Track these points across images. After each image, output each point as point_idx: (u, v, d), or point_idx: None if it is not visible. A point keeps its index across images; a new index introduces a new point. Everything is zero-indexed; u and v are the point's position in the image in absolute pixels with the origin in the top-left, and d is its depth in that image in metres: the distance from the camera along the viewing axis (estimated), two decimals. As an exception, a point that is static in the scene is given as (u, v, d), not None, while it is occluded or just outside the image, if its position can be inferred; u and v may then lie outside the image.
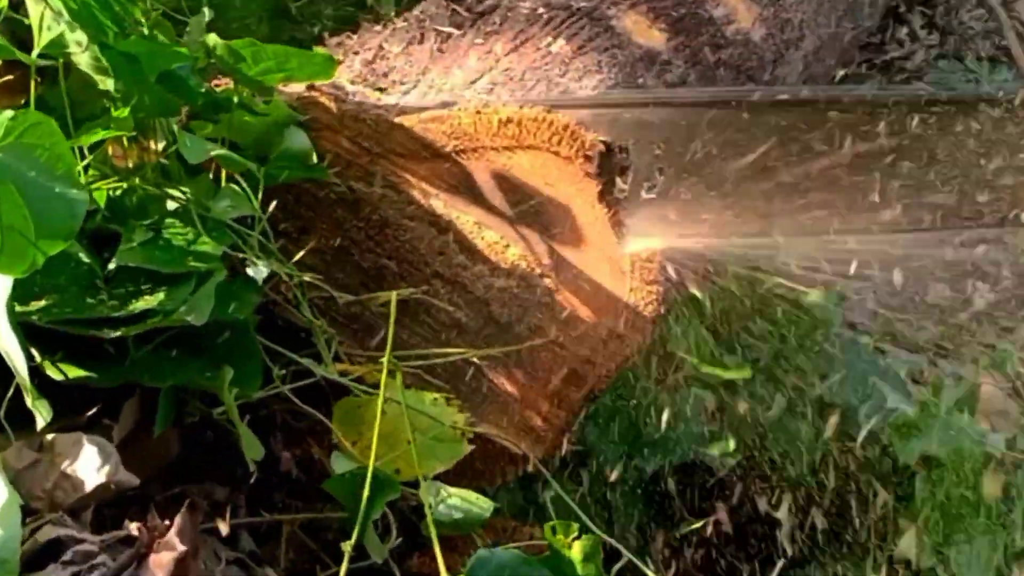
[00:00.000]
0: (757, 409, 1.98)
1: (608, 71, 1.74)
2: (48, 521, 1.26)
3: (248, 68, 1.52)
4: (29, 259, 1.21)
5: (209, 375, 1.44)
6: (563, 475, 2.14)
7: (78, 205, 1.25)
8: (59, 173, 1.24)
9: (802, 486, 2.08)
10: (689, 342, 1.88)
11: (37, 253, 1.22)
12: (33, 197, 1.21)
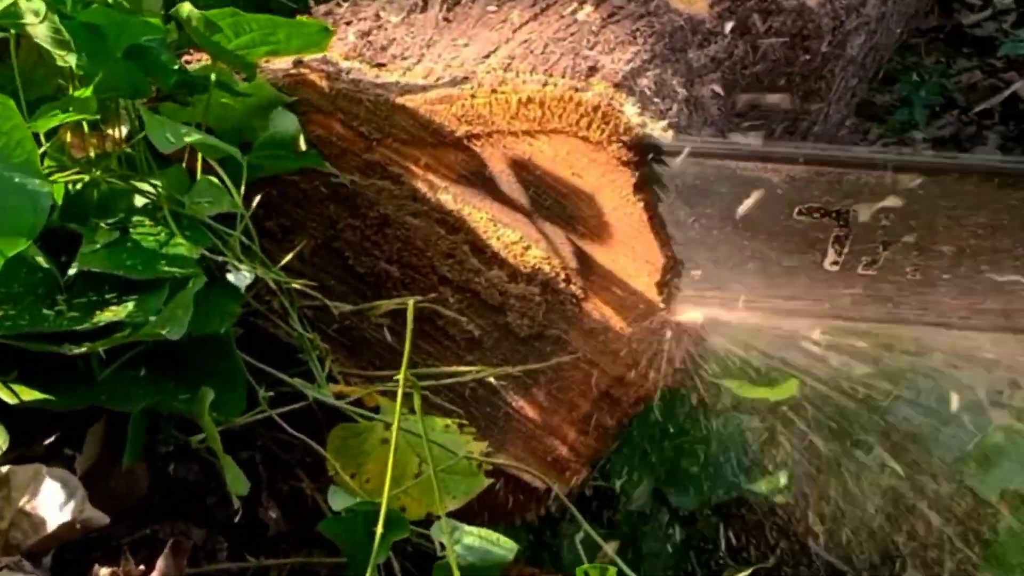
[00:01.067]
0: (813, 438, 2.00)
1: (643, 42, 1.72)
2: (4, 566, 1.27)
3: (227, 41, 1.54)
4: (-11, 261, 1.23)
5: (185, 398, 1.45)
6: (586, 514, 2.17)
7: (41, 198, 1.26)
8: (18, 162, 1.26)
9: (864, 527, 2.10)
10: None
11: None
12: (-8, 190, 1.23)
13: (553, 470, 1.69)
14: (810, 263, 1.57)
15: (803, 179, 1.53)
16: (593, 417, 1.69)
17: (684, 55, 1.80)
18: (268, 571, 1.56)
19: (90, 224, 1.49)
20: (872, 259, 1.56)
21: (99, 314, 1.42)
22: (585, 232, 1.62)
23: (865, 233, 1.54)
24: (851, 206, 1.53)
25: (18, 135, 1.26)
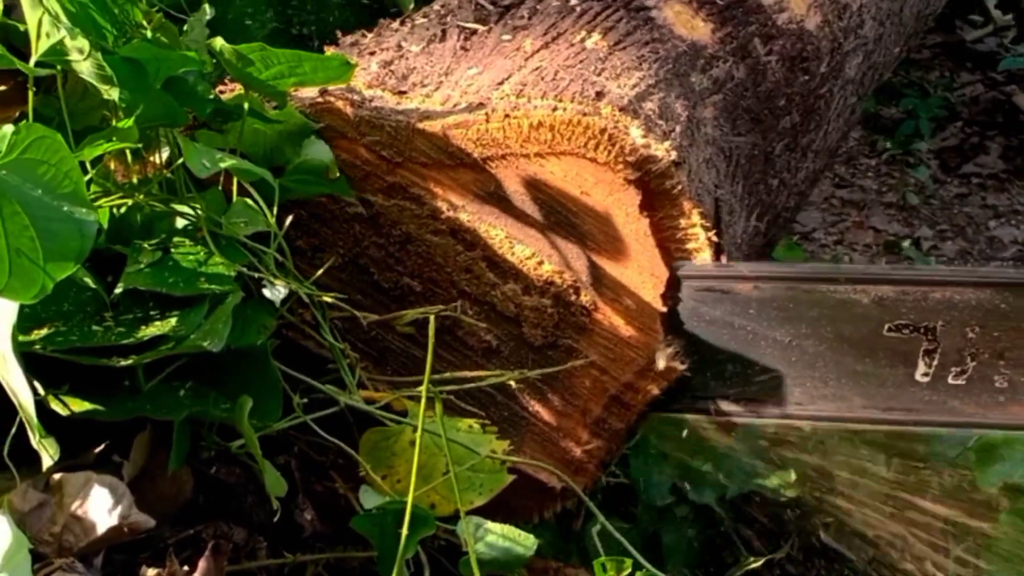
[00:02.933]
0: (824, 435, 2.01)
1: (648, 68, 1.74)
2: (58, 567, 1.29)
3: (258, 73, 1.54)
4: (38, 284, 1.23)
5: (226, 406, 1.47)
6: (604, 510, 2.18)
7: (88, 226, 1.27)
8: (66, 191, 1.26)
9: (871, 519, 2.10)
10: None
11: (46, 278, 1.23)
12: (39, 217, 1.23)
13: (568, 470, 1.71)
14: (904, 376, 1.60)
15: (891, 298, 1.57)
16: (605, 420, 1.71)
17: (687, 79, 1.80)
18: (305, 567, 1.57)
19: (134, 245, 1.50)
20: (961, 370, 1.59)
21: (144, 329, 1.43)
22: (594, 247, 1.63)
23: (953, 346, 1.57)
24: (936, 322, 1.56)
25: (66, 166, 1.26)
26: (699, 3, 1.95)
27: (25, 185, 1.24)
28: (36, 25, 1.40)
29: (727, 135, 1.83)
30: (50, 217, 1.25)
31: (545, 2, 1.88)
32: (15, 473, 1.35)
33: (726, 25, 1.96)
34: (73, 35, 1.38)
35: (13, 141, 1.24)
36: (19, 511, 1.32)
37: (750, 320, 1.62)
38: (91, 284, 1.46)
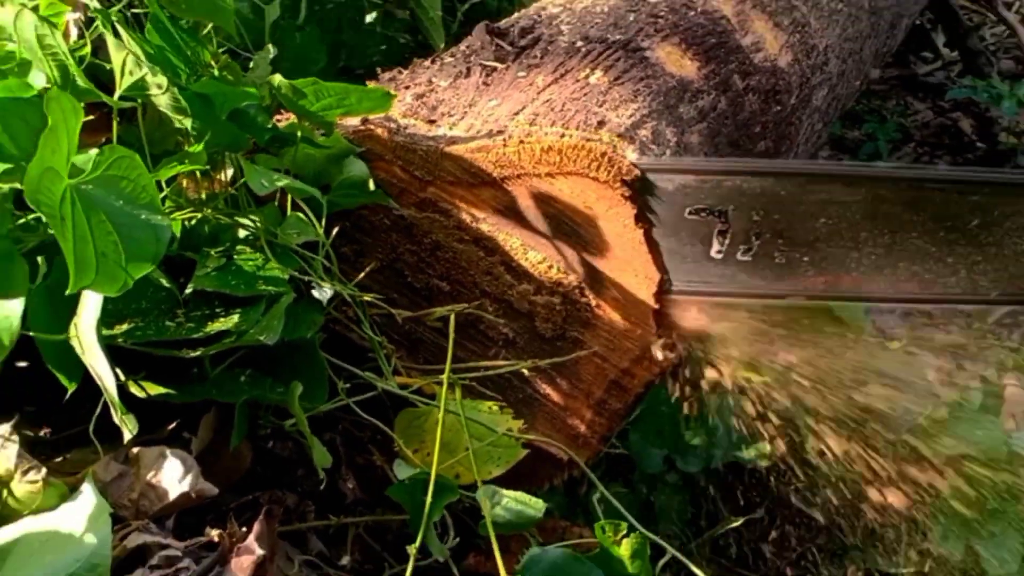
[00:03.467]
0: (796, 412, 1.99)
1: (643, 100, 1.73)
2: (135, 528, 1.29)
3: (310, 104, 1.54)
4: (120, 281, 1.23)
5: (280, 391, 1.47)
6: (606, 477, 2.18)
7: (162, 231, 1.26)
8: (144, 202, 1.25)
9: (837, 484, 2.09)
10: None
11: (127, 276, 1.23)
12: (121, 224, 1.23)
13: (574, 444, 1.70)
14: (701, 252, 1.59)
15: (692, 186, 1.55)
16: (605, 401, 1.69)
17: (676, 110, 1.79)
18: (347, 528, 1.57)
19: (202, 252, 1.50)
20: (748, 247, 1.58)
21: (210, 325, 1.43)
22: (596, 254, 1.61)
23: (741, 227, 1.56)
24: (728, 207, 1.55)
25: (143, 181, 1.25)
26: (687, 44, 1.93)
27: (109, 197, 1.24)
28: (120, 64, 1.40)
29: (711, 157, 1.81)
30: (130, 224, 1.25)
31: (555, 44, 1.87)
32: (99, 448, 1.35)
33: (710, 63, 1.94)
34: (153, 73, 1.38)
35: (98, 160, 1.24)
36: (102, 480, 1.33)
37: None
38: (165, 284, 1.46)
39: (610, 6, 1.99)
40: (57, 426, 1.45)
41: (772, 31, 2.13)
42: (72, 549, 1.18)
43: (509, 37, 1.89)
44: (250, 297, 1.46)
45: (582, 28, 1.92)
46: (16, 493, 1.29)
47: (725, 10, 2.07)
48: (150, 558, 1.24)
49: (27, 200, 1.17)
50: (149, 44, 1.44)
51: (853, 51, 2.49)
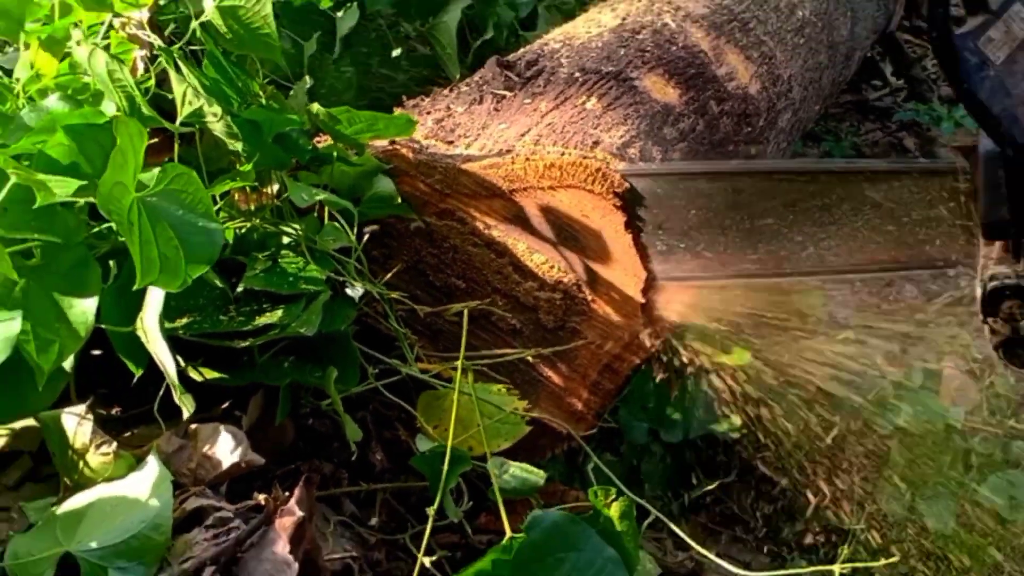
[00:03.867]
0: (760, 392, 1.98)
1: (632, 123, 1.72)
2: (193, 494, 1.28)
3: (344, 129, 1.54)
4: (180, 279, 1.23)
5: (318, 375, 1.46)
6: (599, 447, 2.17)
7: (217, 236, 1.27)
8: (200, 212, 1.26)
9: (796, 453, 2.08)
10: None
11: (186, 274, 1.24)
12: (181, 231, 1.23)
13: (571, 420, 1.69)
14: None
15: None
16: (599, 383, 1.69)
17: (660, 131, 1.78)
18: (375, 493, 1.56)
19: (251, 256, 1.49)
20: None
21: (258, 319, 1.43)
22: (592, 256, 1.61)
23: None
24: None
25: (200, 194, 1.26)
26: (670, 74, 1.92)
27: (170, 207, 1.25)
28: (182, 95, 1.40)
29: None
30: (189, 230, 1.26)
31: (556, 74, 1.86)
32: (162, 424, 1.35)
33: (690, 91, 1.93)
34: (209, 103, 1.38)
35: (160, 176, 1.25)
36: (164, 452, 1.32)
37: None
38: (219, 284, 1.45)
39: (603, 42, 1.98)
40: (126, 406, 1.45)
41: (743, 63, 2.11)
42: (139, 511, 1.19)
43: (516, 69, 1.89)
44: (292, 295, 1.46)
45: (579, 61, 1.91)
46: (91, 464, 1.29)
47: (703, 45, 2.06)
48: (206, 519, 1.24)
49: (100, 209, 1.17)
50: (206, 77, 1.44)
51: (813, 80, 2.47)
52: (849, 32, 2.84)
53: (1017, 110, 1.17)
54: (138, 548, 1.15)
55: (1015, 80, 1.19)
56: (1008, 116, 1.17)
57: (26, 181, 1.18)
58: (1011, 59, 1.21)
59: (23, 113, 1.32)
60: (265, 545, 1.18)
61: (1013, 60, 1.21)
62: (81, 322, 1.23)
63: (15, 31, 1.44)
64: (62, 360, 1.22)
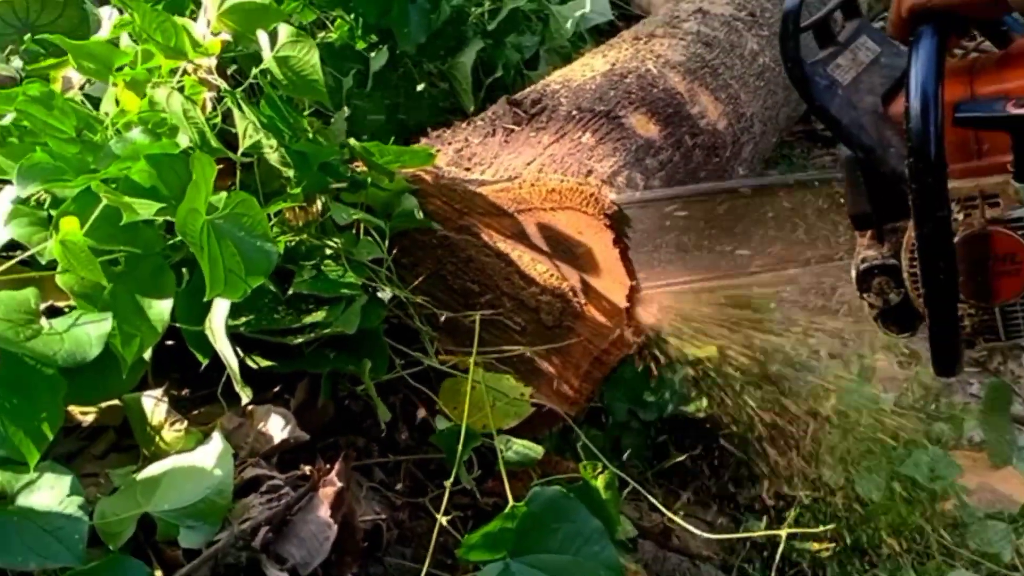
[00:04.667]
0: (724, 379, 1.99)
1: (619, 155, 1.73)
2: (249, 464, 1.29)
3: (377, 159, 1.55)
4: (242, 290, 1.24)
5: (354, 365, 1.47)
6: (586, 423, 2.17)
7: (272, 254, 1.27)
8: (259, 233, 1.26)
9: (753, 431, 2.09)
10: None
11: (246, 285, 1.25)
12: (242, 248, 1.24)
13: (566, 403, 1.69)
14: None
15: None
16: (590, 372, 1.68)
17: (643, 161, 1.79)
18: (401, 464, 1.57)
19: (300, 265, 1.50)
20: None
21: (305, 318, 1.45)
22: (585, 267, 1.62)
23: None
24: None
25: (258, 217, 1.26)
26: (652, 113, 1.93)
27: (233, 229, 1.25)
28: (243, 130, 1.41)
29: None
30: (249, 248, 1.26)
31: (556, 112, 1.87)
32: (224, 405, 1.36)
33: (668, 127, 1.94)
34: (266, 137, 1.38)
35: (226, 202, 1.26)
36: (226, 429, 1.33)
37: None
38: (272, 288, 1.46)
39: (596, 84, 1.98)
40: (195, 388, 1.46)
41: (713, 103, 2.12)
42: (205, 479, 1.19)
43: (523, 106, 1.89)
44: (334, 298, 1.46)
45: (576, 101, 1.92)
46: (165, 438, 1.30)
47: (679, 88, 2.06)
48: (260, 487, 1.25)
49: (178, 233, 1.18)
50: (263, 115, 1.44)
51: (771, 116, 2.48)
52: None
53: (862, 119, 1.18)
54: (204, 510, 1.17)
55: (859, 95, 1.20)
56: (856, 125, 1.18)
57: (114, 202, 1.19)
58: (856, 79, 1.23)
59: (111, 143, 1.33)
60: (310, 510, 1.19)
61: (858, 80, 1.23)
62: (158, 320, 1.24)
63: (104, 74, 1.45)
64: (142, 352, 1.23)
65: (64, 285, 1.19)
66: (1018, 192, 1.13)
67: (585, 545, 1.14)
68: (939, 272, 1.14)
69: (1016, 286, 1.16)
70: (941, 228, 1.12)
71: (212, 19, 1.49)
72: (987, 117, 1.10)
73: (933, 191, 1.10)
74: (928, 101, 1.08)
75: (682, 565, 2.08)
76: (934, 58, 1.10)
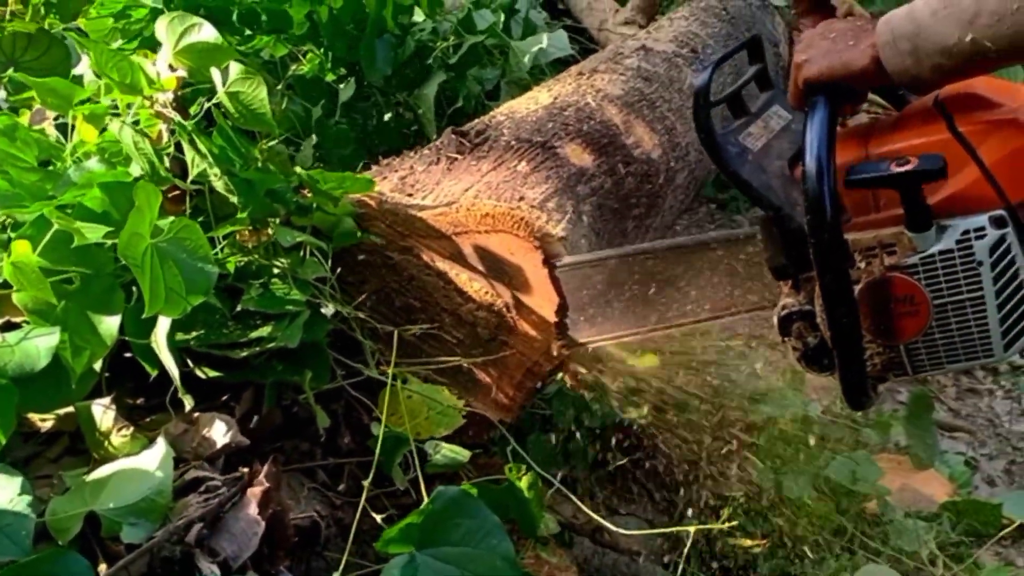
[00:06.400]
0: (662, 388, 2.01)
1: (551, 182, 1.75)
2: (192, 466, 1.33)
3: (321, 185, 1.57)
4: (182, 307, 1.29)
5: (297, 376, 1.50)
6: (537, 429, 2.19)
7: (212, 275, 1.32)
8: (200, 255, 1.31)
9: (688, 438, 2.12)
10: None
11: (186, 303, 1.29)
12: (184, 269, 1.29)
13: (501, 411, 1.71)
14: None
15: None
16: (523, 382, 1.70)
17: (575, 188, 1.81)
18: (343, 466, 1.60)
19: (249, 283, 1.53)
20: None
21: (252, 332, 1.47)
22: (517, 286, 1.63)
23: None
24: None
25: (200, 241, 1.31)
26: (587, 143, 1.95)
27: (177, 251, 1.29)
28: (191, 160, 1.44)
29: (597, 222, 1.83)
30: (190, 269, 1.30)
31: (498, 142, 1.89)
32: (172, 413, 1.39)
33: (602, 156, 1.96)
34: (211, 166, 1.42)
35: (171, 227, 1.30)
36: (172, 435, 1.36)
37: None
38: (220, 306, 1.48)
39: (537, 116, 2.01)
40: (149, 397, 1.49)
41: (648, 133, 2.14)
42: (147, 480, 1.23)
43: (468, 136, 1.91)
44: (279, 314, 1.49)
45: (517, 131, 1.93)
46: (113, 443, 1.34)
47: (616, 119, 2.09)
48: (199, 487, 1.28)
49: (120, 255, 1.21)
50: (214, 145, 1.48)
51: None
52: (743, 106, 2.84)
53: (771, 182, 1.24)
54: (145, 508, 1.21)
55: (769, 160, 1.26)
56: (765, 187, 1.24)
57: (65, 227, 1.23)
58: (767, 145, 1.29)
59: (70, 172, 1.37)
60: (241, 508, 1.23)
61: (768, 146, 1.29)
62: (108, 334, 1.28)
63: (66, 108, 1.48)
64: (92, 363, 1.27)
65: (19, 303, 1.23)
66: (911, 241, 1.19)
67: (485, 539, 1.18)
68: (842, 317, 1.20)
69: (917, 325, 1.21)
70: (840, 278, 1.19)
71: (169, 57, 1.53)
72: (874, 177, 1.17)
73: (830, 246, 1.17)
74: (822, 165, 1.15)
75: (619, 561, 2.11)
76: (826, 126, 1.17)
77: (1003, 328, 1.18)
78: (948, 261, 1.17)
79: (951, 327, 1.19)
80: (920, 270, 1.18)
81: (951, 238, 1.16)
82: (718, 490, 2.24)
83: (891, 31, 1.13)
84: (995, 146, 1.14)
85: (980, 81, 1.18)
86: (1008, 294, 1.16)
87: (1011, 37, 1.04)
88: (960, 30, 1.07)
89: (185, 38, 1.53)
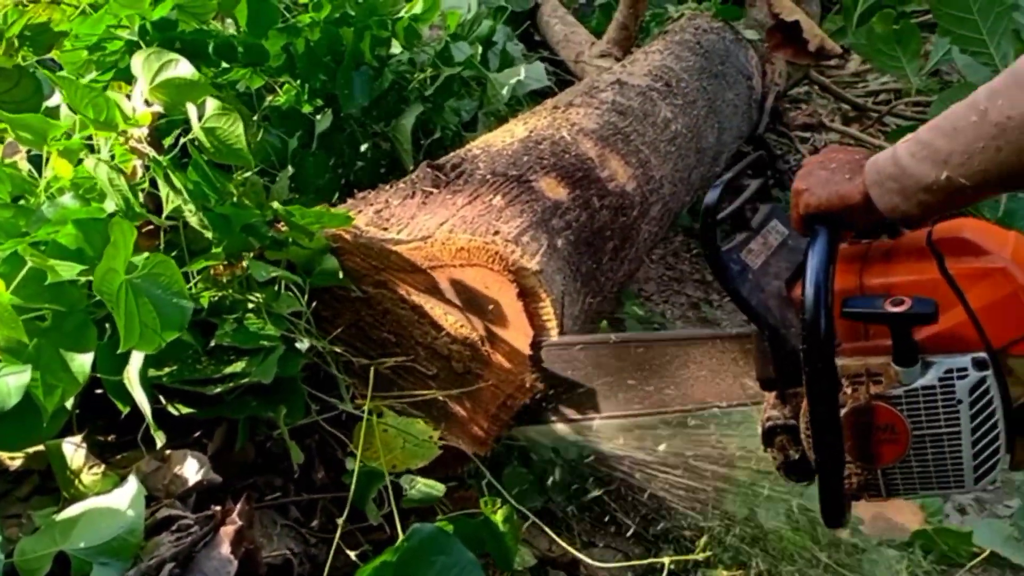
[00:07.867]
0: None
1: (526, 216, 1.76)
2: (164, 505, 1.31)
3: (297, 220, 1.57)
4: (156, 343, 1.28)
5: (271, 412, 1.49)
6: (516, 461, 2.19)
7: (187, 310, 1.31)
8: (174, 290, 1.30)
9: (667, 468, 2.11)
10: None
11: (161, 339, 1.28)
12: (158, 305, 1.28)
13: (476, 443, 1.71)
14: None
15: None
16: (497, 415, 1.70)
17: (550, 222, 1.82)
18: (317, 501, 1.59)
19: (223, 318, 1.52)
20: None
21: (226, 368, 1.46)
22: (492, 319, 1.64)
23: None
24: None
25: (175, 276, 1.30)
26: (561, 177, 1.96)
27: (151, 287, 1.29)
28: (166, 195, 1.44)
29: (572, 255, 1.84)
30: (165, 305, 1.29)
31: (473, 175, 1.89)
32: (144, 450, 1.38)
33: (576, 189, 1.97)
34: (185, 202, 1.41)
35: (145, 263, 1.30)
36: (144, 472, 1.35)
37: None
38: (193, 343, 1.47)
39: (512, 150, 2.02)
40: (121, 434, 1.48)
41: (623, 167, 2.16)
42: (118, 519, 1.22)
43: (444, 170, 1.91)
44: (253, 349, 1.48)
45: (492, 165, 1.94)
46: (84, 481, 1.32)
47: (591, 153, 2.11)
48: (171, 526, 1.27)
49: (95, 291, 1.21)
50: (189, 180, 1.47)
51: (682, 178, 2.52)
52: (716, 139, 2.88)
53: (768, 302, 1.29)
54: (116, 548, 1.19)
55: (767, 279, 1.31)
56: (762, 307, 1.28)
57: (39, 265, 1.22)
58: (765, 263, 1.34)
59: (43, 208, 1.37)
60: (213, 547, 1.22)
61: (767, 264, 1.34)
62: (80, 372, 1.27)
63: (39, 143, 1.48)
64: (64, 401, 1.26)
65: (-10, 340, 1.22)
66: (897, 374, 1.23)
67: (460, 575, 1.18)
68: (827, 440, 1.24)
69: (896, 452, 1.25)
70: (829, 404, 1.23)
71: (145, 92, 1.53)
72: (869, 313, 1.22)
73: (822, 372, 1.21)
74: (820, 294, 1.20)
75: (596, 594, 2.10)
76: (826, 254, 1.22)
77: (976, 462, 1.22)
78: (930, 396, 1.22)
79: (927, 457, 1.24)
80: (903, 402, 1.22)
81: (935, 375, 1.20)
82: (694, 521, 2.23)
83: (877, 172, 1.20)
84: (983, 292, 1.19)
85: (970, 225, 1.24)
86: (983, 432, 1.21)
87: (984, 174, 1.09)
88: (936, 170, 1.12)
89: (161, 74, 1.53)
